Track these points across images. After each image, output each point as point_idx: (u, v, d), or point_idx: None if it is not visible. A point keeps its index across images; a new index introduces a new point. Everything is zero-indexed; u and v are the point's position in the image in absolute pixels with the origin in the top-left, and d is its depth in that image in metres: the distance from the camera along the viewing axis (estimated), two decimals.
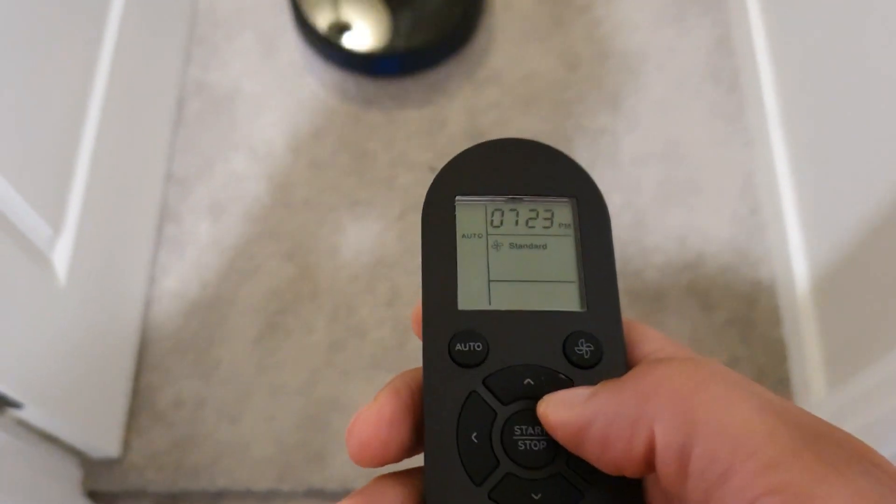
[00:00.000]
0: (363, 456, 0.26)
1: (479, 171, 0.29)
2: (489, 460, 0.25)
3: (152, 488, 0.98)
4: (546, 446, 0.25)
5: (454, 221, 0.29)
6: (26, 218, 0.75)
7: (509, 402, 0.26)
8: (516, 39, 1.25)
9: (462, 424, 0.26)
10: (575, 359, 0.27)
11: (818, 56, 1.05)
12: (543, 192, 0.29)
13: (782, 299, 1.07)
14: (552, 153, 0.30)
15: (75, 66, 0.87)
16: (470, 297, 0.28)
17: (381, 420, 0.26)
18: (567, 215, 0.29)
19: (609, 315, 0.27)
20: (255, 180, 1.15)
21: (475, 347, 0.27)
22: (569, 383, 0.26)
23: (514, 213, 0.29)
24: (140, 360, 1.04)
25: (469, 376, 0.26)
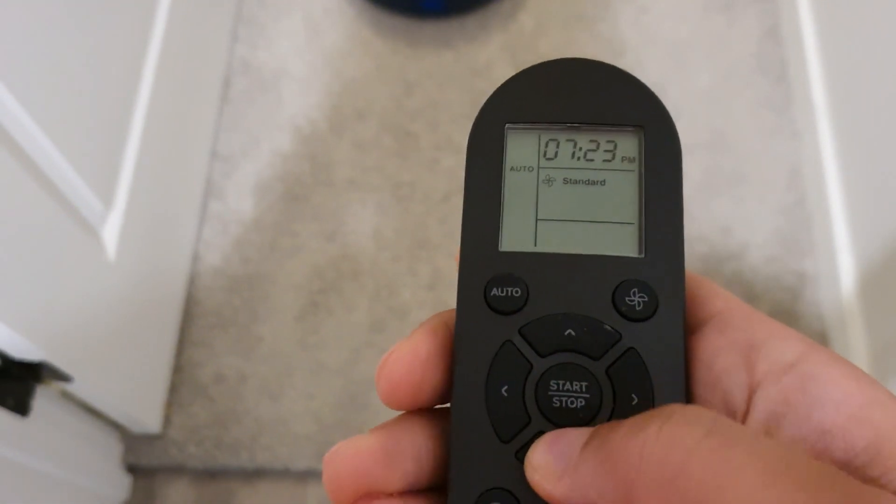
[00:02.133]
0: (394, 396, 0.23)
1: (533, 95, 0.25)
2: (520, 417, 0.23)
3: (191, 464, 0.97)
4: (585, 404, 0.22)
5: (503, 152, 0.25)
6: (79, 193, 0.74)
7: (547, 355, 0.23)
8: (562, 24, 1.22)
9: (493, 376, 0.23)
10: (625, 310, 0.23)
11: (868, 47, 1.01)
12: (606, 120, 0.25)
13: (826, 293, 1.04)
14: (618, 75, 0.25)
15: (127, 44, 0.85)
16: (513, 237, 0.24)
17: (416, 359, 0.23)
18: (632, 147, 0.25)
19: (670, 264, 0.24)
20: (300, 159, 1.13)
21: (513, 293, 0.23)
22: (615, 336, 0.23)
23: (570, 143, 0.25)
24: (182, 335, 1.03)
25: (504, 324, 0.23)
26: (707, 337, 0.23)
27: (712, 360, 0.22)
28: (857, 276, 0.98)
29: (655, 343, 0.23)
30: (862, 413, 0.20)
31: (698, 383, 0.23)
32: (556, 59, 0.26)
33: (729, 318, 0.23)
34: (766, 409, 0.21)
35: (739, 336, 0.22)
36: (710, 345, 0.23)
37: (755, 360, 0.21)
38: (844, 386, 0.20)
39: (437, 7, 1.17)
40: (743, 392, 0.21)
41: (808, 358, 0.21)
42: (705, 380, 0.22)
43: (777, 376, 0.21)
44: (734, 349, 0.22)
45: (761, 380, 0.21)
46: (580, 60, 0.25)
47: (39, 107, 0.65)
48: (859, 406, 0.20)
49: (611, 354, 0.23)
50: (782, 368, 0.21)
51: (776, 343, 0.22)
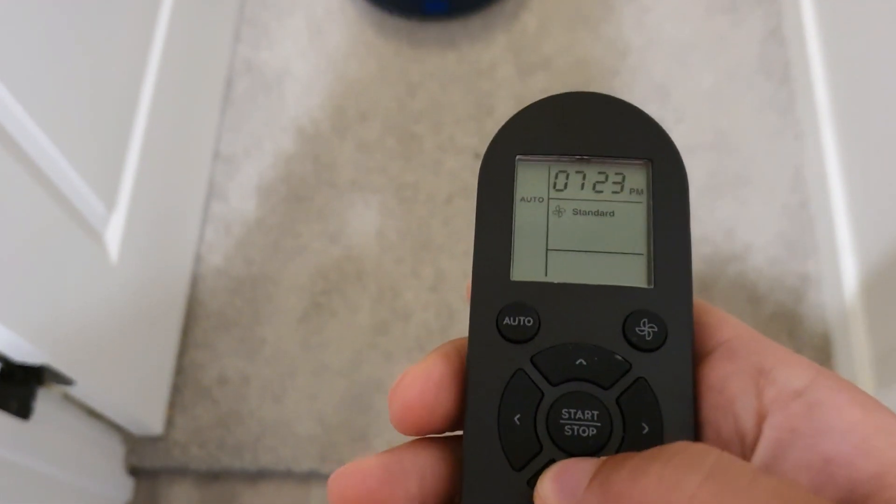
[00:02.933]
0: (406, 419, 0.23)
1: (543, 128, 0.26)
2: (532, 445, 0.23)
3: (194, 465, 0.96)
4: (596, 432, 0.23)
5: (513, 183, 0.25)
6: (81, 195, 0.73)
7: (558, 383, 0.23)
8: (566, 25, 1.21)
9: (505, 404, 0.23)
10: (635, 340, 0.24)
11: (870, 49, 1.00)
12: (615, 153, 0.25)
13: (830, 295, 1.03)
14: (626, 108, 0.26)
15: (130, 45, 0.85)
16: (524, 266, 0.25)
17: (429, 381, 0.23)
18: (640, 179, 0.25)
19: (679, 294, 0.24)
20: (303, 160, 1.12)
21: (525, 322, 0.24)
22: (625, 366, 0.23)
23: (580, 175, 0.26)
24: (185, 337, 1.02)
25: (516, 352, 0.24)
26: (717, 363, 0.23)
27: (723, 386, 0.22)
28: (860, 279, 0.97)
29: (665, 373, 0.23)
30: (867, 443, 0.20)
31: (710, 408, 0.23)
32: (565, 93, 0.26)
33: (738, 345, 0.23)
34: (773, 437, 0.21)
35: (749, 362, 0.22)
36: (721, 371, 0.23)
37: (764, 386, 0.22)
38: (850, 414, 0.20)
39: (440, 9, 1.16)
40: (752, 417, 0.22)
41: (815, 384, 0.21)
42: (716, 404, 0.22)
43: (785, 403, 0.21)
44: (744, 375, 0.22)
45: (770, 406, 0.21)
46: (589, 94, 0.26)
47: (41, 109, 0.64)
48: (864, 436, 0.20)
49: (621, 384, 0.23)
50: (790, 395, 0.21)
51: (784, 369, 0.22)
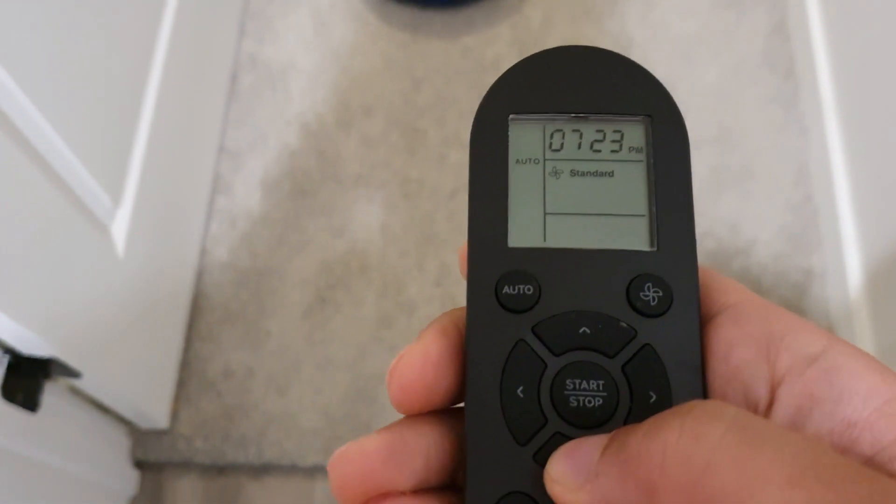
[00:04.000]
0: (405, 400, 0.22)
1: (537, 84, 0.24)
2: (536, 418, 0.22)
3: (199, 459, 0.96)
4: (602, 403, 0.22)
5: (507, 144, 0.24)
6: (88, 188, 0.73)
7: (561, 353, 0.22)
8: (570, 20, 1.21)
9: (507, 377, 0.22)
10: (640, 305, 0.23)
11: (875, 44, 1.00)
12: (612, 109, 0.24)
13: (833, 289, 1.03)
14: (623, 63, 0.25)
15: (135, 40, 0.85)
16: (522, 232, 0.23)
17: (427, 362, 0.22)
18: (639, 137, 0.24)
19: (683, 256, 0.23)
20: (307, 155, 1.12)
21: (525, 290, 0.23)
22: (630, 333, 0.22)
23: (576, 133, 0.24)
24: (190, 330, 1.02)
25: (517, 323, 0.23)
26: (722, 329, 0.22)
27: (728, 353, 0.22)
28: (864, 273, 0.97)
29: (671, 339, 0.22)
30: (888, 407, 0.20)
31: (715, 376, 0.22)
32: (559, 47, 0.25)
33: (744, 310, 0.22)
34: (791, 404, 0.20)
35: (757, 328, 0.22)
36: (726, 337, 0.22)
37: (776, 352, 0.21)
38: (869, 379, 0.20)
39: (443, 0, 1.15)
40: (765, 385, 0.21)
41: (831, 350, 0.21)
42: (722, 373, 0.22)
43: (801, 369, 0.20)
44: (752, 342, 0.21)
45: (785, 373, 0.21)
46: (584, 48, 0.25)
47: (49, 103, 0.64)
48: (885, 400, 0.20)
49: (626, 352, 0.22)
50: (805, 361, 0.21)
51: (798, 335, 0.21)
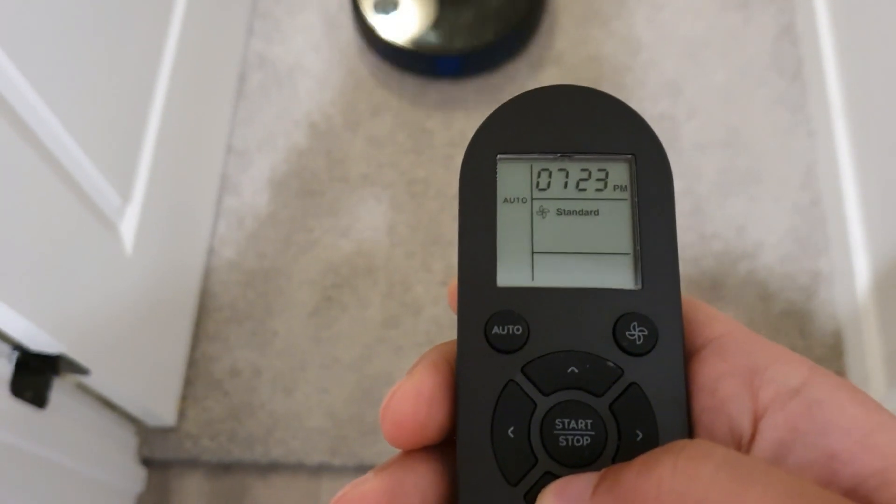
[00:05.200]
0: (400, 437, 0.23)
1: (523, 124, 0.25)
2: (527, 458, 0.22)
3: (205, 457, 0.97)
4: (591, 442, 0.23)
5: (495, 183, 0.25)
6: (98, 187, 0.74)
7: (550, 393, 0.23)
8: (578, 22, 1.21)
9: (498, 417, 0.23)
10: (626, 345, 0.23)
11: (883, 46, 1.00)
12: (597, 149, 0.25)
13: (841, 292, 1.03)
14: (609, 102, 0.25)
15: (145, 40, 0.85)
16: (510, 271, 0.24)
17: (420, 398, 0.23)
18: (623, 176, 0.25)
19: (667, 294, 0.24)
20: (315, 155, 1.13)
21: (514, 331, 0.23)
22: (617, 372, 0.23)
23: (562, 173, 0.25)
24: (198, 329, 1.03)
25: (507, 363, 0.23)
26: (708, 362, 0.23)
27: (715, 387, 0.22)
28: (872, 276, 0.98)
29: (657, 377, 0.23)
30: (869, 439, 0.20)
31: (702, 410, 0.23)
32: (545, 87, 0.25)
33: (729, 343, 0.23)
34: (773, 438, 0.21)
35: (741, 361, 0.22)
36: (712, 371, 0.23)
37: (759, 385, 0.21)
38: (851, 411, 0.21)
39: (453, 70, 1.15)
40: (748, 418, 0.21)
41: (812, 382, 0.21)
42: (709, 406, 0.22)
43: (783, 402, 0.21)
44: (737, 375, 0.22)
45: (767, 406, 0.21)
46: (569, 87, 0.25)
47: (60, 102, 0.65)
48: (866, 432, 0.20)
49: (614, 390, 0.23)
50: (787, 394, 0.21)
51: (779, 367, 0.22)
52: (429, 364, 0.24)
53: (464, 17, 1.13)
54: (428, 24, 1.12)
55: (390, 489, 0.22)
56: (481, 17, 1.13)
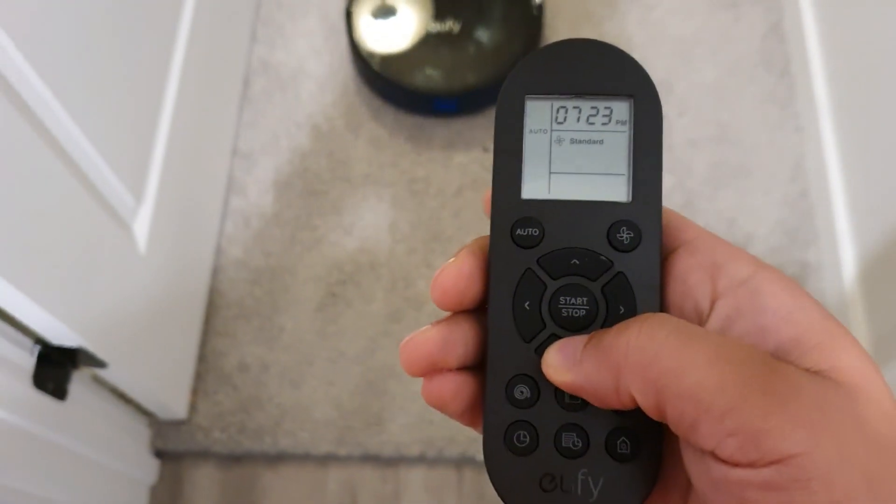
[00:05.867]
0: (444, 301, 0.30)
1: (547, 71, 0.31)
2: (538, 323, 0.30)
3: (216, 449, 1.00)
4: (585, 314, 0.30)
5: (523, 118, 0.31)
6: (113, 188, 0.77)
7: (558, 278, 0.30)
8: (570, 24, 1.24)
9: (518, 294, 0.30)
10: (616, 243, 0.30)
11: (868, 43, 1.03)
12: (604, 91, 0.31)
13: (829, 282, 1.06)
14: (614, 52, 0.31)
15: (155, 48, 0.89)
16: (532, 187, 0.31)
17: (461, 274, 0.30)
18: (624, 112, 0.31)
19: (651, 206, 0.30)
20: (318, 156, 1.16)
21: (532, 232, 0.30)
22: (608, 264, 0.30)
23: (576, 110, 0.31)
24: (207, 325, 1.06)
25: (526, 255, 0.30)
26: (681, 258, 0.29)
27: (685, 276, 0.29)
28: (859, 265, 1.01)
29: (639, 268, 0.30)
30: (791, 316, 0.27)
31: (675, 293, 0.29)
32: (564, 41, 0.31)
33: (698, 244, 0.29)
34: (723, 315, 0.28)
35: (706, 258, 0.29)
36: (684, 264, 0.29)
37: (717, 276, 0.28)
38: (781, 296, 0.27)
39: (450, 108, 1.16)
40: (707, 300, 0.28)
41: (757, 275, 0.28)
42: (680, 290, 0.29)
43: (733, 289, 0.28)
44: (702, 268, 0.29)
45: (721, 292, 0.28)
46: (583, 41, 0.31)
47: (79, 108, 0.69)
48: (789, 310, 0.27)
49: (605, 277, 0.30)
50: (737, 283, 0.28)
51: (734, 264, 0.28)
52: (469, 251, 0.31)
53: (461, 55, 1.14)
54: (425, 64, 1.14)
55: (443, 336, 0.30)
56: (480, 55, 1.14)
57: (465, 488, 1.01)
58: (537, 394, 0.29)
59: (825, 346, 0.26)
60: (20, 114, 0.60)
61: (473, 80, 1.12)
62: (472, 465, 1.01)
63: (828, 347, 0.26)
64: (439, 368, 0.30)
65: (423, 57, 1.14)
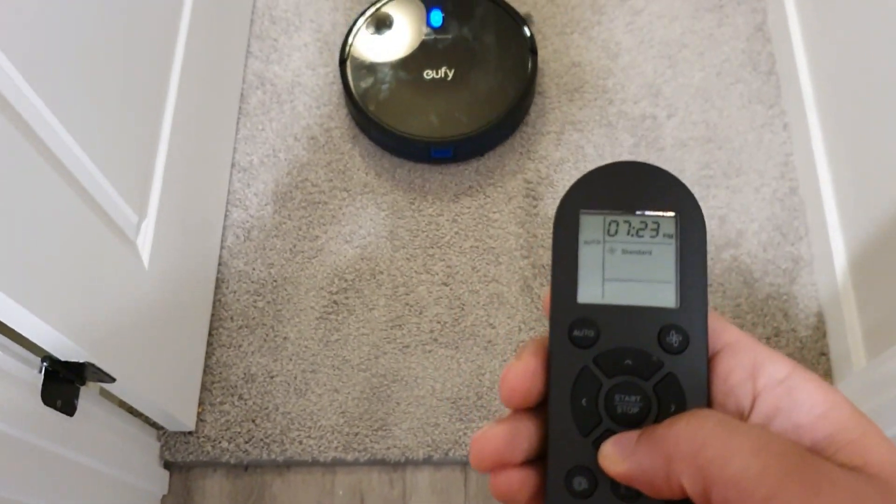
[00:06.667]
0: (512, 400, 0.32)
1: (599, 188, 0.34)
2: (594, 418, 0.31)
3: (225, 459, 1.00)
4: (639, 411, 0.31)
5: (578, 230, 0.33)
6: (116, 205, 0.77)
7: (612, 376, 0.32)
8: (558, 30, 1.25)
9: (576, 391, 0.32)
10: (666, 346, 0.32)
11: (851, 40, 1.04)
12: (652, 207, 0.33)
13: (821, 274, 1.06)
14: (660, 173, 0.33)
15: (152, 68, 0.89)
16: (587, 292, 0.33)
17: (527, 373, 0.32)
18: (670, 227, 0.33)
19: (698, 312, 0.32)
20: (316, 167, 1.16)
21: (588, 333, 0.32)
22: (660, 364, 0.32)
23: (627, 224, 0.33)
24: (212, 337, 1.06)
25: (583, 355, 0.32)
26: (724, 359, 0.31)
27: (728, 376, 0.31)
28: (849, 258, 1.01)
29: (687, 369, 0.31)
30: (825, 414, 0.29)
31: (718, 392, 0.31)
32: (614, 162, 0.34)
33: (739, 346, 0.31)
34: (762, 412, 0.29)
35: (747, 359, 0.31)
36: (726, 365, 0.31)
37: (757, 376, 0.30)
38: (816, 396, 0.29)
39: (446, 155, 1.15)
40: (748, 399, 0.30)
41: (793, 375, 0.30)
42: (723, 389, 0.31)
43: (772, 389, 0.30)
44: (743, 369, 0.31)
45: (760, 391, 0.30)
46: (632, 163, 0.34)
47: (80, 127, 0.68)
48: (823, 409, 0.29)
49: (657, 377, 0.32)
50: (775, 382, 0.30)
51: (772, 365, 0.30)
52: (532, 351, 0.32)
53: (456, 102, 1.13)
54: (421, 112, 1.12)
55: (510, 433, 0.31)
56: (475, 101, 1.13)
57: (471, 489, 1.01)
58: (594, 485, 0.31)
59: (857, 443, 0.28)
60: (23, 136, 0.60)
61: (470, 128, 1.11)
62: None
63: (860, 444, 0.28)
64: (505, 464, 0.31)
65: (418, 105, 1.13)
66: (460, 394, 1.02)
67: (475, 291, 1.08)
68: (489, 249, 1.11)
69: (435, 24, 1.17)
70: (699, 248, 0.32)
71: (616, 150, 1.15)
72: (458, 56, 1.15)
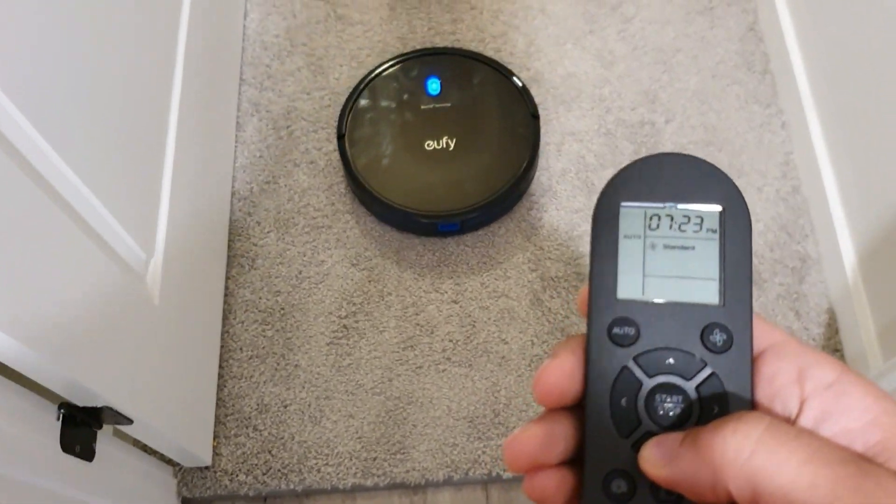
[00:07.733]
0: (546, 399, 0.31)
1: (640, 181, 0.32)
2: (634, 420, 0.30)
3: (243, 491, 0.98)
4: (680, 412, 0.30)
5: (618, 224, 0.31)
6: (124, 243, 0.75)
7: (653, 376, 0.30)
8: (553, 41, 1.23)
9: (615, 391, 0.30)
10: (709, 345, 0.30)
11: (844, 35, 1.03)
12: (695, 200, 0.31)
13: (830, 272, 1.05)
14: (704, 165, 0.31)
15: (152, 102, 0.87)
16: (627, 288, 0.31)
17: (563, 373, 0.30)
18: (714, 222, 0.31)
19: (742, 310, 0.30)
20: (316, 191, 1.14)
21: (629, 332, 0.30)
22: (702, 364, 0.30)
23: (669, 218, 0.31)
24: (222, 370, 1.04)
25: (623, 353, 0.30)
26: (768, 360, 0.30)
27: (773, 378, 0.29)
28: (858, 255, 1.00)
29: (731, 369, 0.30)
30: (876, 419, 0.27)
31: (763, 394, 0.30)
32: (656, 154, 0.32)
33: (785, 348, 0.30)
34: (811, 416, 0.28)
35: (793, 361, 0.29)
36: (772, 367, 0.30)
37: (804, 380, 0.29)
38: (865, 400, 0.28)
39: (453, 229, 1.10)
40: (796, 402, 0.28)
41: (841, 379, 0.28)
42: (768, 392, 0.29)
43: (820, 393, 0.28)
44: (789, 371, 0.29)
45: (809, 395, 0.28)
46: (675, 154, 0.32)
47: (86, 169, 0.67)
48: (874, 415, 0.27)
49: (699, 377, 0.30)
50: (824, 386, 0.28)
51: (819, 368, 0.29)
52: (568, 350, 0.31)
53: (460, 174, 1.09)
54: (424, 187, 1.08)
55: (545, 434, 0.30)
56: (479, 172, 1.09)
57: None
58: (633, 488, 0.30)
59: None
60: (33, 182, 0.58)
61: (476, 200, 1.06)
62: (498, 483, 0.99)
63: None
64: (540, 465, 0.30)
65: (421, 179, 1.09)
66: (477, 412, 1.00)
67: (485, 308, 1.06)
68: (496, 264, 1.09)
69: (433, 92, 1.13)
70: (744, 243, 0.31)
71: (617, 158, 1.14)
72: (459, 124, 1.11)
